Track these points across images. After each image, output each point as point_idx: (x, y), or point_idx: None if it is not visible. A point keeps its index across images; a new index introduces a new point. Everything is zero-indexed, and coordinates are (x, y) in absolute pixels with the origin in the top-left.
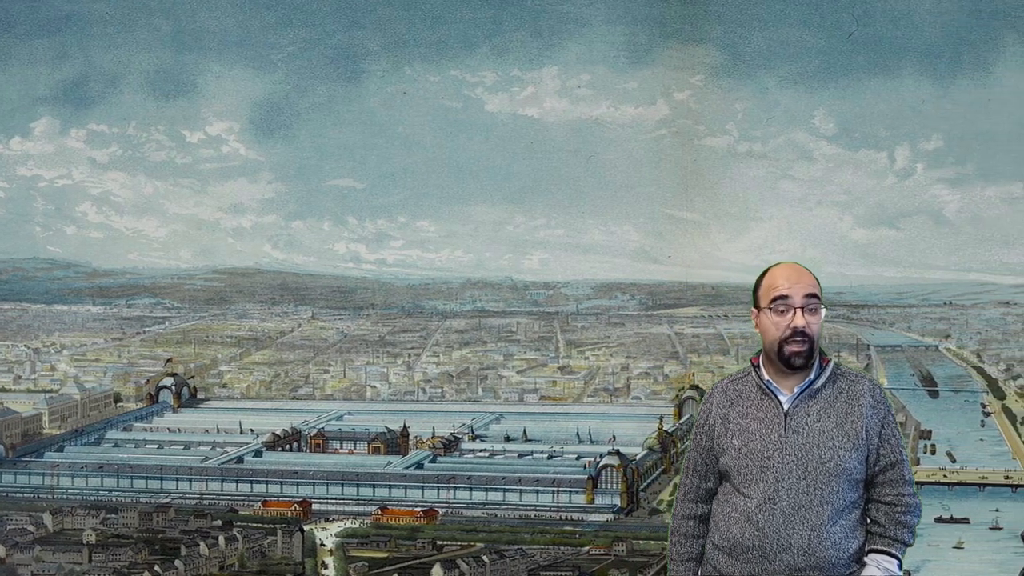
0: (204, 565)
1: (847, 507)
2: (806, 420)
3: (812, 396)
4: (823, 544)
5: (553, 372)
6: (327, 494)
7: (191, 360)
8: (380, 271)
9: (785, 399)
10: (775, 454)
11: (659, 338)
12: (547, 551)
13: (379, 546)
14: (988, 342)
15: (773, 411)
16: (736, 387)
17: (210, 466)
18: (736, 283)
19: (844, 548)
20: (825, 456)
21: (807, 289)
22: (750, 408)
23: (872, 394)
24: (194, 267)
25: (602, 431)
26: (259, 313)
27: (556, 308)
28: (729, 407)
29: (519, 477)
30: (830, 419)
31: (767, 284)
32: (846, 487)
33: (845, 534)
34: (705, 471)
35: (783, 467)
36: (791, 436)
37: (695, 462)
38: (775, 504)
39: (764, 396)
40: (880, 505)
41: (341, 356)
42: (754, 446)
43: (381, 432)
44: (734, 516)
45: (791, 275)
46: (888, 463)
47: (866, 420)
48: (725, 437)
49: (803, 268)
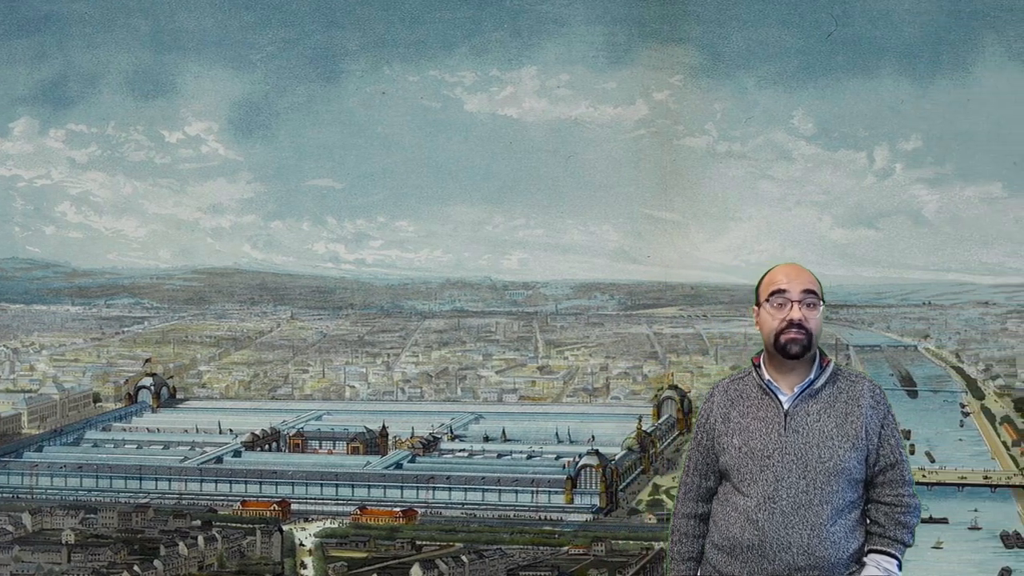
0: (183, 565)
1: (847, 507)
2: (806, 420)
3: (812, 396)
4: (823, 544)
5: (532, 372)
6: (306, 494)
7: (170, 360)
8: (359, 271)
9: (785, 399)
10: (775, 453)
11: (638, 338)
12: (526, 551)
13: (358, 546)
14: (967, 342)
15: (773, 410)
16: (737, 386)
17: (189, 466)
18: (715, 283)
19: (844, 548)
20: (825, 456)
21: (805, 285)
22: (750, 407)
23: (872, 394)
24: (173, 267)
25: (581, 431)
26: (238, 313)
27: (535, 308)
28: (730, 406)
29: (498, 477)
30: (830, 419)
31: (767, 280)
32: (846, 487)
33: (845, 534)
34: (706, 470)
35: (783, 466)
36: (791, 435)
37: (696, 461)
38: (775, 503)
39: (764, 396)
40: (880, 505)
41: (320, 356)
42: (754, 445)
43: (360, 432)
44: (734, 516)
45: (790, 272)
46: (888, 463)
47: (866, 420)
48: (726, 436)
49: (804, 268)
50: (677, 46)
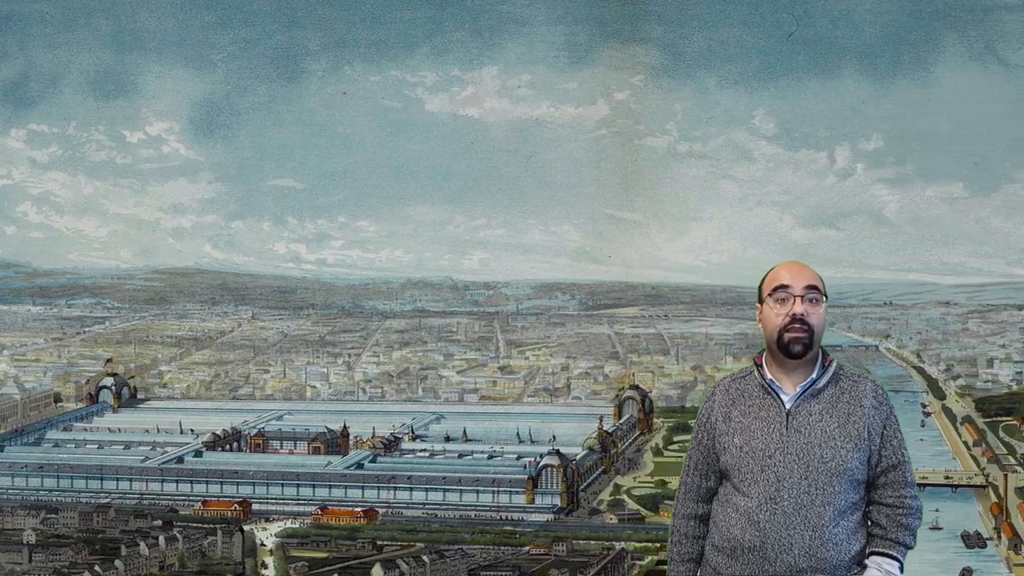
0: (144, 565)
1: (849, 508)
2: (808, 420)
3: (814, 396)
4: (824, 545)
5: (493, 372)
6: (267, 494)
7: (131, 360)
8: (320, 271)
9: (787, 398)
10: (776, 453)
11: (599, 338)
12: (487, 551)
13: (319, 546)
14: (928, 342)
15: (775, 410)
16: (738, 385)
17: (150, 466)
18: (676, 283)
19: (846, 550)
20: (827, 456)
21: (808, 281)
22: (752, 407)
23: (875, 395)
24: (134, 267)
25: (542, 431)
26: (199, 313)
27: (496, 308)
28: (731, 405)
29: (459, 477)
30: (832, 419)
31: (770, 277)
32: (848, 488)
33: (847, 535)
34: (706, 470)
35: (784, 466)
36: (793, 435)
37: (696, 460)
38: (776, 504)
39: (766, 395)
40: (882, 507)
41: (281, 356)
42: (755, 445)
43: (321, 432)
44: (734, 516)
45: (793, 269)
46: (890, 464)
47: (868, 421)
48: (726, 435)
49: (807, 266)
50: (638, 46)
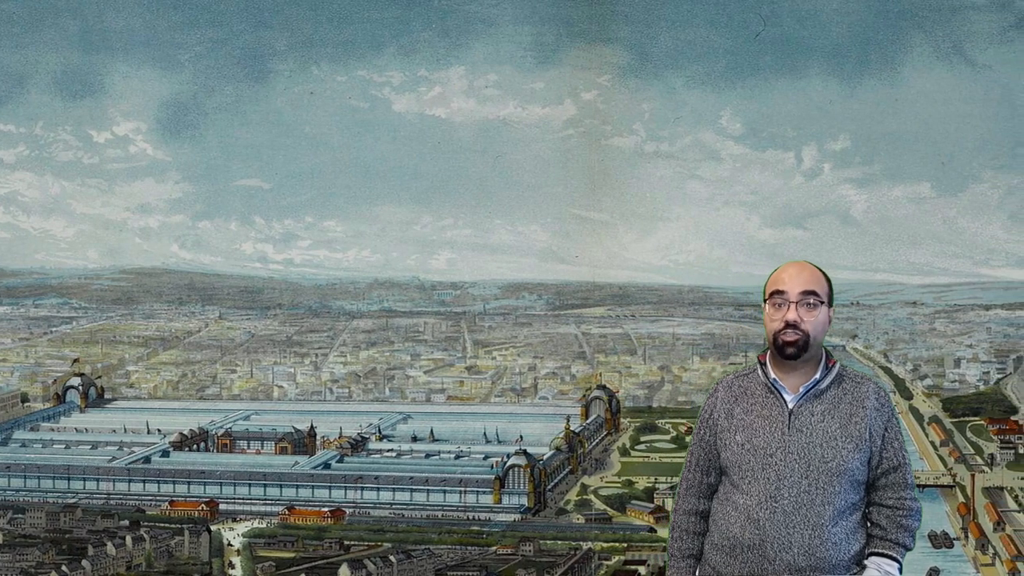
0: (111, 565)
1: (848, 508)
2: (810, 420)
3: (817, 396)
4: (824, 544)
5: (460, 372)
6: (234, 494)
7: (98, 360)
8: (287, 271)
9: (790, 398)
10: (778, 452)
11: (566, 338)
12: (454, 551)
13: (286, 546)
14: (895, 342)
15: (777, 409)
16: (741, 383)
17: (117, 466)
18: (643, 283)
19: (845, 550)
20: (828, 456)
21: (804, 286)
22: (754, 405)
23: (876, 397)
24: (101, 267)
25: (509, 431)
26: (166, 313)
27: (463, 308)
28: (733, 403)
29: (426, 477)
30: (834, 420)
31: (771, 280)
32: (848, 488)
33: (846, 535)
34: (707, 466)
35: (785, 465)
36: (794, 435)
37: (698, 457)
38: (776, 502)
39: (769, 394)
40: (882, 508)
41: (248, 356)
42: (757, 442)
43: (288, 432)
44: (734, 515)
45: (793, 272)
46: (891, 466)
47: (870, 422)
48: (728, 432)
49: (811, 267)
50: (605, 46)
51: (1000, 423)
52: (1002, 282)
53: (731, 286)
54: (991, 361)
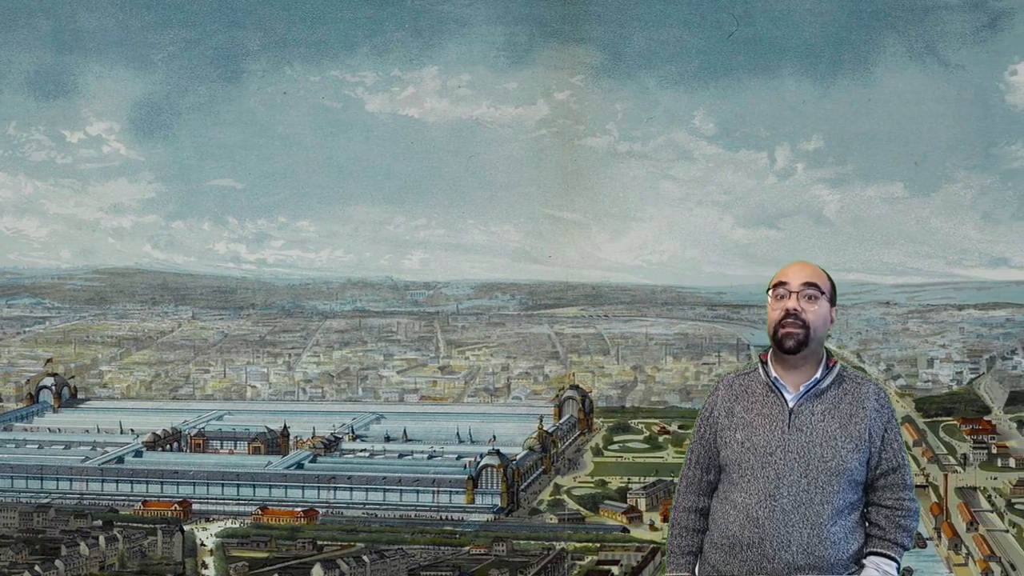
0: (84, 565)
1: (847, 508)
2: (810, 419)
3: (817, 396)
4: (823, 543)
5: (433, 372)
6: (207, 494)
7: (71, 360)
8: (260, 271)
9: (791, 397)
10: (778, 450)
11: (539, 338)
12: (427, 551)
13: (259, 546)
14: (868, 342)
15: (778, 408)
16: (742, 382)
17: (90, 466)
18: (616, 283)
19: (843, 549)
20: (827, 455)
21: (806, 278)
22: (755, 403)
23: (877, 398)
24: (74, 267)
25: (482, 431)
26: (139, 313)
27: (436, 308)
28: (734, 401)
29: (399, 477)
30: (834, 419)
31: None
32: (846, 488)
33: (844, 535)
34: (707, 464)
35: (785, 464)
36: (794, 434)
37: (698, 455)
38: (775, 501)
39: (770, 393)
40: (881, 508)
41: (221, 356)
42: (757, 441)
43: (261, 432)
44: (732, 513)
45: (796, 266)
46: (890, 467)
47: (870, 423)
48: (728, 431)
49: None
50: (578, 46)
51: (973, 423)
52: (975, 282)
53: (704, 286)
54: (964, 361)
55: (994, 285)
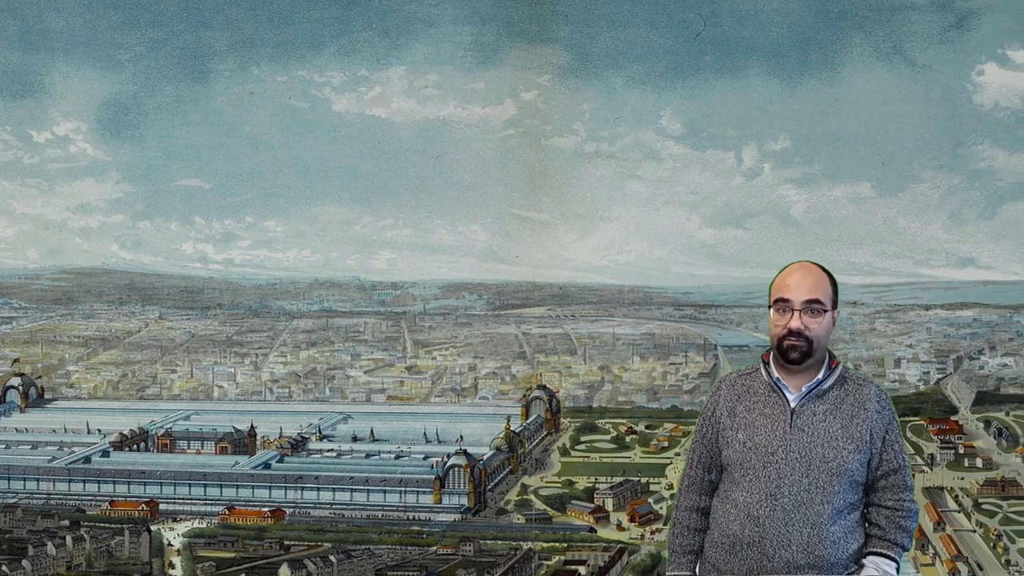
0: (51, 565)
1: (847, 508)
2: (812, 419)
3: (819, 396)
4: (823, 543)
5: (400, 372)
6: (174, 494)
7: (38, 360)
8: (227, 271)
9: (793, 397)
10: (779, 450)
11: (506, 338)
12: (394, 551)
13: (226, 546)
14: (835, 342)
15: (780, 408)
16: (745, 381)
17: (57, 466)
18: (583, 283)
19: (843, 548)
20: (829, 456)
21: (809, 294)
22: (757, 403)
23: (878, 399)
24: (41, 267)
25: (449, 431)
26: (106, 313)
27: (403, 308)
28: (736, 400)
29: (366, 477)
30: (836, 420)
31: (776, 284)
32: (847, 488)
33: (844, 534)
34: (709, 463)
35: (786, 464)
36: (796, 434)
37: (700, 454)
38: (776, 500)
39: (772, 393)
40: (881, 509)
41: (188, 356)
42: (759, 441)
43: (228, 432)
44: (733, 512)
45: (798, 278)
46: (891, 468)
47: (871, 424)
48: (731, 430)
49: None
50: (545, 46)
51: (940, 423)
52: (942, 282)
53: (671, 286)
54: (931, 361)
55: (961, 285)
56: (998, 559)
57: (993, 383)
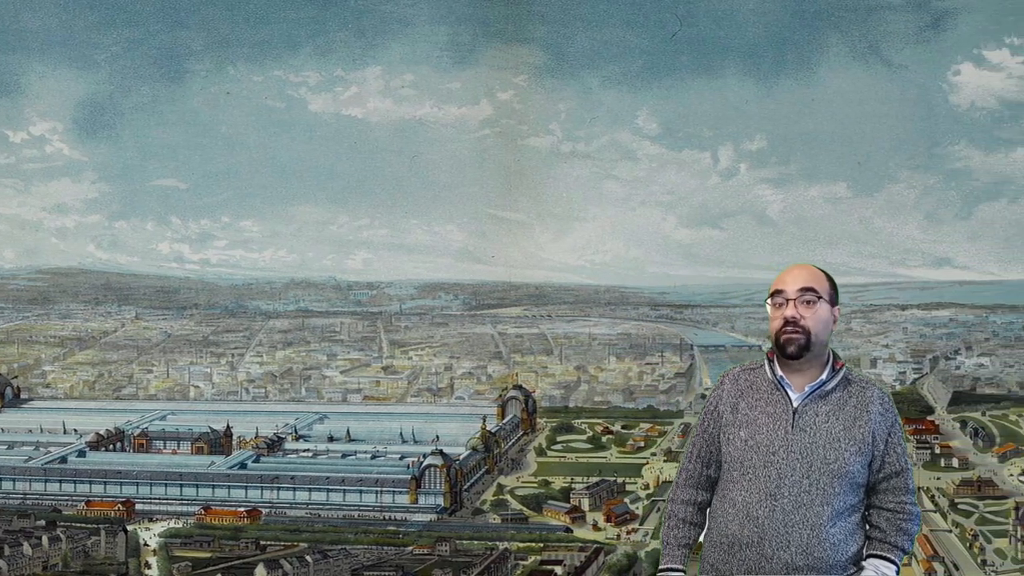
0: (27, 565)
1: (847, 510)
2: (814, 420)
3: (822, 397)
4: (822, 544)
5: (376, 372)
6: (151, 494)
7: (14, 360)
8: (203, 271)
9: (795, 397)
10: (780, 450)
11: (482, 338)
12: (371, 551)
13: (202, 546)
14: None
15: (782, 407)
16: (748, 377)
17: (33, 466)
18: (559, 283)
19: (843, 550)
20: (830, 457)
21: (802, 283)
22: (759, 401)
23: (881, 401)
24: (17, 267)
25: (425, 431)
26: (83, 313)
27: (379, 308)
28: (739, 396)
29: (342, 477)
30: (838, 421)
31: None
32: (847, 490)
33: (844, 536)
34: (708, 458)
35: (787, 464)
36: (798, 434)
37: (699, 448)
38: (776, 500)
39: (775, 391)
40: (882, 511)
41: (164, 356)
42: (760, 439)
43: (204, 432)
44: (732, 512)
45: (793, 271)
46: (893, 471)
47: (874, 426)
48: (733, 427)
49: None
50: (521, 46)
51: (916, 423)
52: (918, 282)
53: (647, 286)
54: (907, 361)
55: (937, 285)
56: (974, 559)
57: (969, 383)
